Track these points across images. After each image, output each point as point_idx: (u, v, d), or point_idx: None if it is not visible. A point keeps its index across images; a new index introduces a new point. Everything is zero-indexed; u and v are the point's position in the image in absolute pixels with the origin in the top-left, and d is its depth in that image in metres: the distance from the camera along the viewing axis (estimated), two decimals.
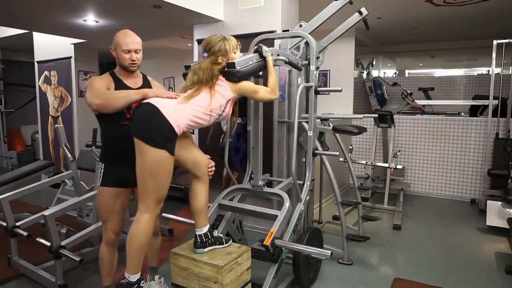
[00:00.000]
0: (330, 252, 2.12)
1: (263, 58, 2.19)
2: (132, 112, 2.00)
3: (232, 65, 1.99)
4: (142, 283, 1.86)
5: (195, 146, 2.07)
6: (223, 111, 1.96)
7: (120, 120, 2.01)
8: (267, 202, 3.09)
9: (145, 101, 1.82)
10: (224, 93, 1.95)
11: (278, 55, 2.51)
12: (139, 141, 1.75)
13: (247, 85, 2.05)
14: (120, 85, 2.04)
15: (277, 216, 2.29)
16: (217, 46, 2.00)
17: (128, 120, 2.02)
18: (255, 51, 2.19)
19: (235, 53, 2.06)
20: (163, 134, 1.74)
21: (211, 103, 1.89)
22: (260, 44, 2.24)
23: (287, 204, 2.35)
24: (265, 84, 2.22)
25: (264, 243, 2.11)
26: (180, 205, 4.30)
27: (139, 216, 1.82)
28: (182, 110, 1.82)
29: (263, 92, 2.11)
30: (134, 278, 1.82)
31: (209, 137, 2.11)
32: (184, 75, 2.13)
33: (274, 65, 2.26)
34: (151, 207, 1.81)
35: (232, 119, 2.33)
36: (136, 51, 2.02)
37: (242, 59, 2.06)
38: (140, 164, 1.78)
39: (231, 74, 1.99)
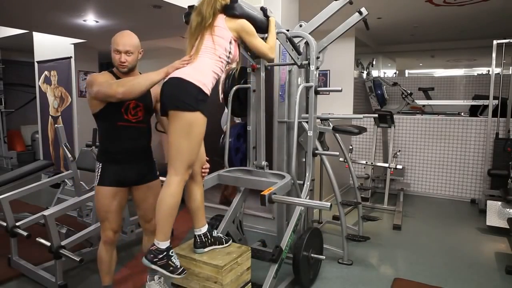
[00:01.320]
0: (329, 204, 2.11)
1: (266, 17, 2.21)
2: (130, 114, 2.02)
3: (235, 0, 2.00)
4: (172, 252, 1.83)
5: (202, 142, 2.07)
6: (230, 52, 1.97)
7: (118, 121, 2.02)
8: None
9: (167, 78, 1.86)
10: (223, 34, 1.95)
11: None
12: (173, 111, 1.79)
13: (246, 24, 2.02)
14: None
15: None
16: None
17: (126, 121, 2.03)
18: (260, 9, 2.22)
19: None
20: (193, 97, 1.78)
21: (215, 49, 1.91)
22: (266, 6, 2.25)
23: (288, 177, 2.39)
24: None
25: (262, 193, 2.09)
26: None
27: (169, 179, 1.82)
28: (200, 69, 1.86)
29: (261, 43, 2.09)
30: (163, 245, 1.80)
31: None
32: (186, 15, 2.13)
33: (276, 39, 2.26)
34: (181, 171, 1.81)
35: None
36: (126, 53, 2.00)
37: (246, 3, 2.07)
38: (174, 128, 1.80)
39: (232, 7, 1.99)
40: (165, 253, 1.80)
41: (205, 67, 1.87)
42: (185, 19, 2.17)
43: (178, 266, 1.83)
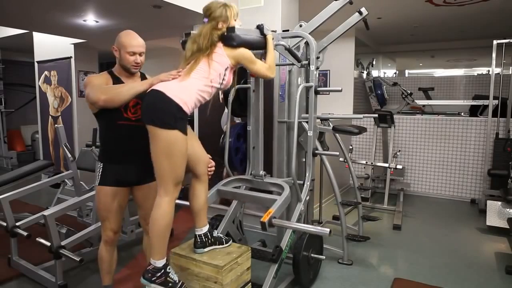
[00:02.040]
0: (329, 230, 2.12)
1: (263, 35, 2.21)
2: (130, 112, 2.02)
3: (232, 29, 2.00)
4: (169, 269, 1.85)
5: (198, 142, 2.06)
6: (223, 79, 1.96)
7: (118, 119, 2.02)
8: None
9: (150, 89, 1.84)
10: (221, 60, 1.95)
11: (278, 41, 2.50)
12: (151, 126, 1.77)
13: (245, 52, 2.03)
14: (118, 84, 2.04)
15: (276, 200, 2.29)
16: (218, 11, 1.99)
17: (126, 119, 2.03)
18: (257, 27, 2.21)
19: (235, 20, 2.07)
20: (172, 115, 1.76)
21: (210, 73, 1.90)
22: (262, 23, 2.24)
23: (287, 191, 2.36)
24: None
25: (261, 220, 2.08)
26: (180, 205, 4.31)
27: (159, 200, 1.82)
28: (186, 87, 1.83)
29: (261, 66, 2.10)
30: (160, 263, 1.82)
31: (209, 108, 2.08)
32: (183, 43, 2.13)
33: (274, 49, 2.26)
34: (169, 190, 1.81)
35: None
36: (140, 54, 2.03)
37: (242, 28, 2.06)
38: (154, 148, 1.79)
39: (230, 37, 1.99)
40: (162, 270, 1.82)
41: (191, 86, 1.85)
42: (182, 46, 2.15)
43: (177, 281, 1.85)
